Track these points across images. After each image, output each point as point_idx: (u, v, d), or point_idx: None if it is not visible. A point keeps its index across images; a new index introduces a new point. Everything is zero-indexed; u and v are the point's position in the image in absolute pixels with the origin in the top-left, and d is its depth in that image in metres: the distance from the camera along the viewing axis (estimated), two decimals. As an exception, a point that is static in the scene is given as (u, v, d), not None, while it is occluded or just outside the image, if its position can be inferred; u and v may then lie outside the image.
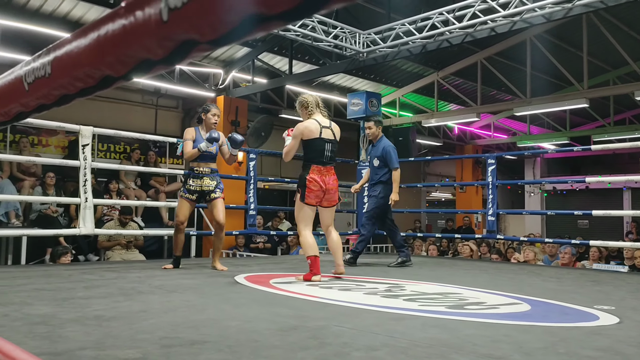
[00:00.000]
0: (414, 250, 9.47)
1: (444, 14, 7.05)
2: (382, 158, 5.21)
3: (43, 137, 8.73)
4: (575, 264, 6.86)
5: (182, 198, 4.61)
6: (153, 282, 3.63)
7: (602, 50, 10.31)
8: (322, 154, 4.06)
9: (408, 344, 2.00)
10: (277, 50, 9.61)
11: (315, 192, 4.02)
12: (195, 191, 4.58)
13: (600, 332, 2.34)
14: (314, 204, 4.08)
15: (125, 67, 0.51)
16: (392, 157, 5.19)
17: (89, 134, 4.99)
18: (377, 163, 5.24)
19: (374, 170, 5.30)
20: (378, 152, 5.24)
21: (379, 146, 5.26)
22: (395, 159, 5.21)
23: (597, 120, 12.96)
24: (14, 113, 0.69)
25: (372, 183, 5.32)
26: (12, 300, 2.76)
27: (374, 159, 5.29)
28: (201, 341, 1.97)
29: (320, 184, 4.02)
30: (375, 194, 5.26)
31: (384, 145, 5.24)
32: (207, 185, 4.60)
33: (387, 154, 5.19)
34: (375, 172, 5.28)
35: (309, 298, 3.13)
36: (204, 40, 0.45)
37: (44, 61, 0.60)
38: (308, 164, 4.07)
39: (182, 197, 4.60)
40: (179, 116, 11.17)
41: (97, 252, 7.31)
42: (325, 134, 4.09)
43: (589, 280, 4.42)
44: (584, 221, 14.74)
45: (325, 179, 4.05)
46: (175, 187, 9.07)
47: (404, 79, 11.92)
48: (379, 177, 5.25)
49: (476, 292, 3.55)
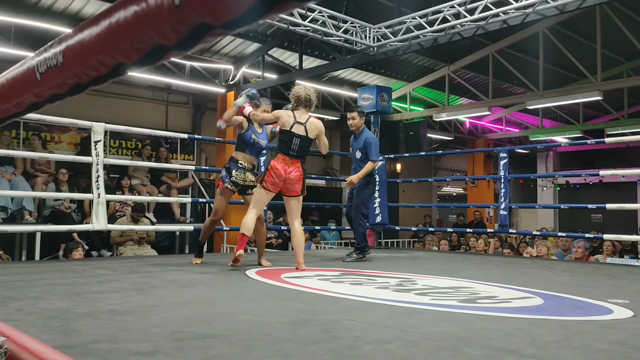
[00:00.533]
0: (425, 245, 9.45)
1: (455, 7, 6.99)
2: (364, 150, 5.17)
3: (55, 134, 8.80)
4: (588, 258, 6.80)
5: (225, 189, 4.49)
6: (165, 277, 3.65)
7: (616, 42, 10.18)
8: (289, 147, 4.28)
9: (420, 338, 1.99)
10: (287, 45, 9.60)
11: (273, 180, 4.24)
12: (238, 184, 4.50)
13: (615, 325, 2.32)
14: (272, 190, 4.29)
15: (138, 53, 0.51)
16: (371, 149, 5.13)
17: (101, 130, 5.02)
18: (360, 155, 5.21)
19: (356, 162, 5.25)
20: (360, 144, 5.20)
21: (361, 138, 5.22)
22: (375, 152, 5.15)
23: (610, 113, 12.82)
24: (27, 103, 0.69)
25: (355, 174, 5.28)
26: (27, 294, 2.79)
27: (356, 151, 5.24)
28: (213, 335, 1.97)
29: (282, 172, 4.23)
30: (362, 184, 5.19)
31: (367, 137, 5.21)
32: (251, 181, 4.54)
33: (369, 146, 5.13)
34: (358, 164, 5.23)
35: (320, 292, 3.13)
36: (218, 24, 0.45)
37: (55, 51, 0.60)
38: (277, 152, 4.36)
39: (227, 187, 4.48)
40: (190, 112, 11.20)
41: (110, 247, 7.37)
42: (296, 129, 4.31)
43: (603, 274, 4.38)
44: (598, 215, 14.62)
45: (287, 168, 4.26)
46: (186, 182, 9.12)
47: (415, 73, 11.86)
48: (359, 169, 5.19)
49: (488, 286, 3.53)
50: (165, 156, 9.10)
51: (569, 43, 10.11)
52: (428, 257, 6.07)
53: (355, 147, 5.29)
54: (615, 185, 14.66)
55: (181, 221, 8.52)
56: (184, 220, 8.58)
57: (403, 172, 13.29)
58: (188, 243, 8.54)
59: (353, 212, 5.20)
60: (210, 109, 11.01)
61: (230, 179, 4.47)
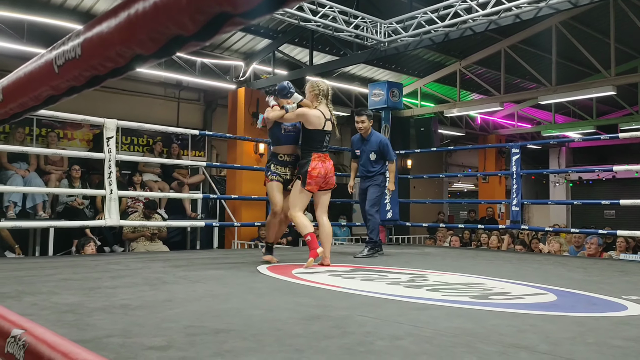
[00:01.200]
0: (437, 242, 9.42)
1: (467, 2, 6.93)
2: (379, 152, 5.24)
3: (68, 130, 8.87)
4: (602, 255, 6.74)
5: (271, 181, 4.37)
6: (177, 273, 3.67)
7: (630, 36, 10.06)
8: (322, 144, 4.32)
9: (432, 334, 1.99)
10: (297, 41, 9.59)
11: (317, 179, 4.23)
12: (281, 177, 4.38)
13: (629, 322, 2.30)
14: (315, 190, 4.28)
15: (156, 44, 0.51)
16: (389, 150, 5.28)
17: (113, 127, 5.05)
18: (374, 157, 5.26)
19: (369, 164, 5.28)
20: (374, 146, 5.26)
21: (373, 140, 5.29)
22: (392, 151, 5.32)
23: (624, 109, 12.66)
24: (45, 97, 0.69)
25: (369, 176, 5.30)
26: (41, 289, 2.82)
27: (369, 154, 5.27)
28: (226, 330, 1.98)
29: (322, 169, 4.25)
30: (377, 182, 5.26)
31: (380, 139, 5.31)
32: (289, 175, 4.41)
33: (385, 147, 5.25)
34: (371, 165, 5.27)
35: (332, 288, 3.14)
36: (237, 12, 0.44)
37: (74, 43, 0.60)
38: (309, 151, 4.29)
39: (272, 179, 4.37)
40: (201, 109, 11.24)
41: (122, 243, 7.43)
42: (327, 127, 4.35)
43: (617, 271, 4.34)
44: (611, 211, 14.49)
45: (325, 164, 4.30)
46: (197, 179, 9.16)
47: (426, 68, 11.80)
48: (376, 170, 5.27)
49: (501, 282, 3.51)
50: (177, 153, 9.14)
51: (582, 37, 10.00)
52: (439, 253, 6.05)
53: (366, 149, 5.30)
54: (629, 181, 14.51)
55: (192, 217, 8.57)
56: (195, 217, 8.63)
57: (414, 168, 13.25)
58: (199, 239, 8.59)
59: (368, 208, 5.22)
60: (221, 105, 11.05)
61: (272, 170, 4.38)
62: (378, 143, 5.26)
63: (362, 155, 5.34)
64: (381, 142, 5.27)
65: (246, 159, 9.74)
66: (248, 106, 9.89)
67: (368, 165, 5.29)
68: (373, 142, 5.28)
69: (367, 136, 5.32)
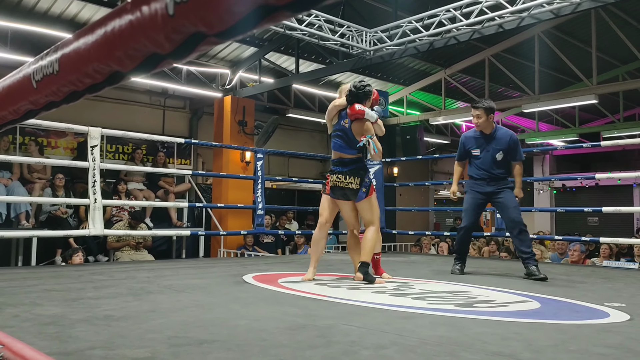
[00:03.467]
0: (422, 249, 9.45)
1: (451, 11, 7.02)
2: (508, 151, 4.40)
3: (52, 138, 8.79)
4: (585, 261, 6.81)
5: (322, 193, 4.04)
6: (162, 282, 3.64)
7: (611, 46, 10.24)
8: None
9: (417, 342, 1.99)
10: (283, 49, 9.62)
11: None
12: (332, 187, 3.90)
13: (611, 329, 2.32)
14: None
15: (133, 61, 0.51)
16: (519, 148, 4.46)
17: (97, 135, 5.02)
18: (501, 156, 4.39)
19: (493, 165, 4.40)
20: (502, 144, 4.39)
21: (501, 137, 4.43)
22: (521, 150, 4.52)
23: (606, 117, 12.86)
24: (24, 111, 0.69)
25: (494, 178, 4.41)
26: (22, 301, 2.78)
27: (496, 152, 4.39)
28: (210, 340, 1.97)
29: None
30: (509, 186, 4.45)
31: (511, 135, 4.45)
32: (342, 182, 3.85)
33: (517, 145, 4.43)
34: (496, 166, 4.40)
35: (317, 297, 3.13)
36: (212, 33, 0.45)
37: (51, 59, 0.60)
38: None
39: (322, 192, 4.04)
40: (187, 117, 11.20)
41: (107, 252, 7.35)
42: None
43: (599, 278, 4.38)
44: (594, 218, 14.65)
45: None
46: (183, 187, 9.11)
47: (411, 77, 11.89)
48: (502, 172, 4.43)
49: (485, 290, 3.53)
50: (163, 161, 9.09)
51: (565, 46, 10.15)
52: (425, 260, 6.07)
53: (491, 147, 4.42)
54: (612, 188, 14.71)
55: (178, 226, 8.51)
56: (181, 225, 8.57)
57: (400, 176, 13.30)
58: (185, 248, 8.53)
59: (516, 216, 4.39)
60: (207, 113, 11.02)
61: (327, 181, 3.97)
62: (508, 140, 4.40)
63: (483, 155, 4.45)
64: (512, 139, 4.41)
65: (232, 167, 9.72)
66: (234, 114, 9.88)
67: (491, 167, 4.40)
68: (501, 138, 4.42)
69: (492, 132, 4.45)
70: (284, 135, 11.70)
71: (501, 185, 4.41)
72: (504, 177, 4.44)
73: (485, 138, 4.46)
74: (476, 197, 4.50)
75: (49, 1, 7.36)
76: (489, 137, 4.45)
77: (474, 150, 4.51)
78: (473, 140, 4.54)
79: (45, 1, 7.34)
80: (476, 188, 4.49)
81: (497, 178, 4.41)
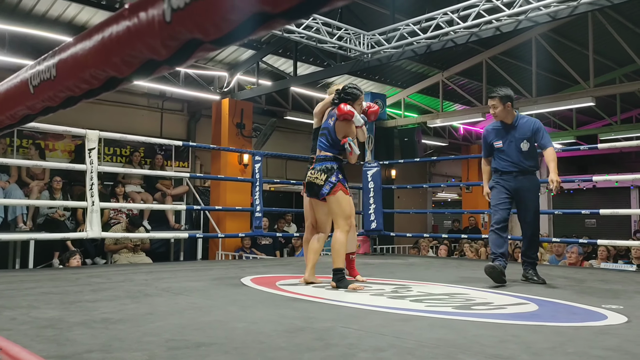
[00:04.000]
0: (420, 251, 9.46)
1: (449, 14, 7.04)
2: (533, 139, 4.06)
3: (50, 141, 8.78)
4: (582, 264, 6.82)
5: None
6: (160, 285, 3.64)
7: (608, 48, 10.26)
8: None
9: (415, 345, 1.99)
10: (281, 52, 9.63)
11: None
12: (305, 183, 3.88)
13: (609, 331, 2.33)
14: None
15: (130, 67, 0.51)
16: (545, 134, 4.09)
17: (95, 138, 5.01)
18: (527, 146, 4.05)
19: (520, 157, 4.06)
20: (526, 133, 4.04)
21: (524, 125, 4.08)
22: (548, 136, 4.13)
23: (603, 119, 12.89)
24: (20, 116, 0.69)
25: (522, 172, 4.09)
26: (20, 304, 2.78)
27: (520, 142, 4.04)
28: (208, 343, 1.97)
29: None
30: (534, 183, 4.16)
31: (534, 122, 4.10)
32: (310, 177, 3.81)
33: (541, 131, 4.06)
34: (523, 158, 4.06)
35: (315, 300, 3.13)
36: (208, 40, 0.45)
37: (49, 64, 0.60)
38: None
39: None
40: (185, 119, 11.20)
41: (104, 255, 7.34)
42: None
43: (597, 280, 4.39)
44: (592, 220, 14.67)
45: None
46: (181, 190, 9.11)
47: (409, 79, 11.91)
48: (531, 164, 4.10)
49: (483, 292, 3.54)
50: (161, 163, 9.08)
51: (562, 49, 10.18)
52: (423, 263, 6.07)
53: (515, 137, 4.07)
54: (609, 190, 14.73)
55: (176, 228, 8.50)
56: (178, 228, 8.57)
57: (398, 178, 13.32)
58: (183, 250, 8.52)
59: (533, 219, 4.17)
60: (205, 116, 11.02)
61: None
62: (531, 127, 4.06)
63: (507, 147, 4.09)
64: (535, 125, 4.06)
65: (230, 170, 9.72)
66: (232, 117, 9.88)
67: (518, 159, 4.05)
68: (524, 127, 4.07)
69: (513, 121, 4.09)
70: (281, 138, 11.71)
71: (527, 182, 4.10)
72: (533, 170, 4.13)
73: (506, 128, 4.12)
74: (502, 192, 4.10)
75: (47, 4, 7.36)
76: (510, 127, 4.10)
77: (496, 143, 4.15)
78: (494, 133, 4.19)
79: (43, 4, 7.34)
80: (502, 183, 4.11)
81: (525, 171, 4.08)
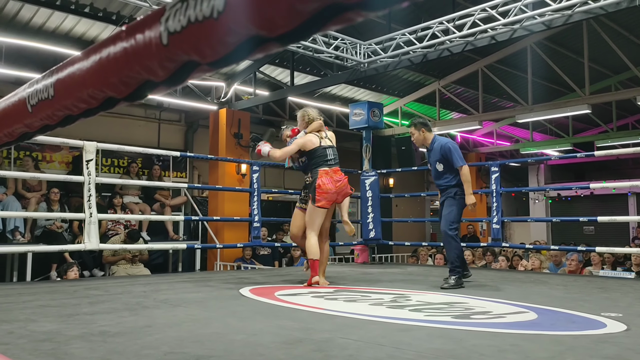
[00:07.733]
0: (419, 260, 9.45)
1: (444, 23, 7.08)
2: (444, 159, 4.49)
3: (47, 153, 8.77)
4: (582, 271, 6.82)
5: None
6: (158, 297, 3.62)
7: (603, 56, 10.32)
8: (325, 159, 4.45)
9: (414, 355, 1.99)
10: (278, 62, 9.66)
11: (328, 195, 4.32)
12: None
13: (608, 340, 2.33)
14: (327, 206, 4.35)
15: (128, 88, 0.52)
16: (453, 154, 4.45)
17: (92, 149, 5.01)
18: (441, 167, 4.52)
19: (438, 176, 4.57)
20: (437, 155, 4.52)
21: (436, 147, 4.54)
22: (459, 156, 4.48)
23: (599, 126, 12.94)
24: (18, 134, 0.69)
25: (442, 190, 4.58)
26: (17, 317, 2.76)
27: (435, 164, 4.56)
28: (206, 355, 1.96)
29: (331, 185, 4.34)
30: (451, 194, 4.49)
31: (442, 144, 4.51)
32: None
33: (448, 152, 4.46)
34: (441, 177, 4.55)
35: (314, 310, 3.12)
36: (205, 62, 0.46)
37: (46, 83, 0.60)
38: (315, 169, 4.42)
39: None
40: (182, 130, 11.21)
41: (102, 267, 7.32)
42: (324, 142, 4.54)
43: (596, 287, 4.39)
44: (590, 227, 14.69)
45: (334, 177, 4.39)
46: (179, 200, 9.09)
47: (406, 88, 11.95)
48: (447, 181, 4.51)
49: (482, 301, 3.53)
50: (158, 174, 9.08)
51: (557, 57, 10.24)
52: (422, 272, 6.06)
53: (432, 159, 4.62)
54: (606, 197, 14.76)
55: (174, 239, 8.48)
56: (177, 238, 8.55)
57: (396, 187, 13.32)
58: (181, 261, 8.49)
59: (443, 227, 4.47)
60: (202, 126, 11.03)
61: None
62: (440, 150, 4.49)
63: (431, 168, 4.65)
64: (443, 148, 4.48)
65: (228, 180, 9.71)
66: (229, 127, 9.89)
67: (438, 178, 4.58)
68: (436, 149, 4.54)
69: (430, 145, 4.59)
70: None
71: (450, 192, 4.53)
72: (448, 186, 4.52)
73: (427, 152, 4.72)
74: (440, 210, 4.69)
75: (44, 16, 7.38)
76: (429, 151, 4.68)
77: (429, 164, 4.78)
78: (427, 156, 4.82)
79: (40, 16, 7.36)
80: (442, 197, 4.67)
81: (443, 188, 4.57)
